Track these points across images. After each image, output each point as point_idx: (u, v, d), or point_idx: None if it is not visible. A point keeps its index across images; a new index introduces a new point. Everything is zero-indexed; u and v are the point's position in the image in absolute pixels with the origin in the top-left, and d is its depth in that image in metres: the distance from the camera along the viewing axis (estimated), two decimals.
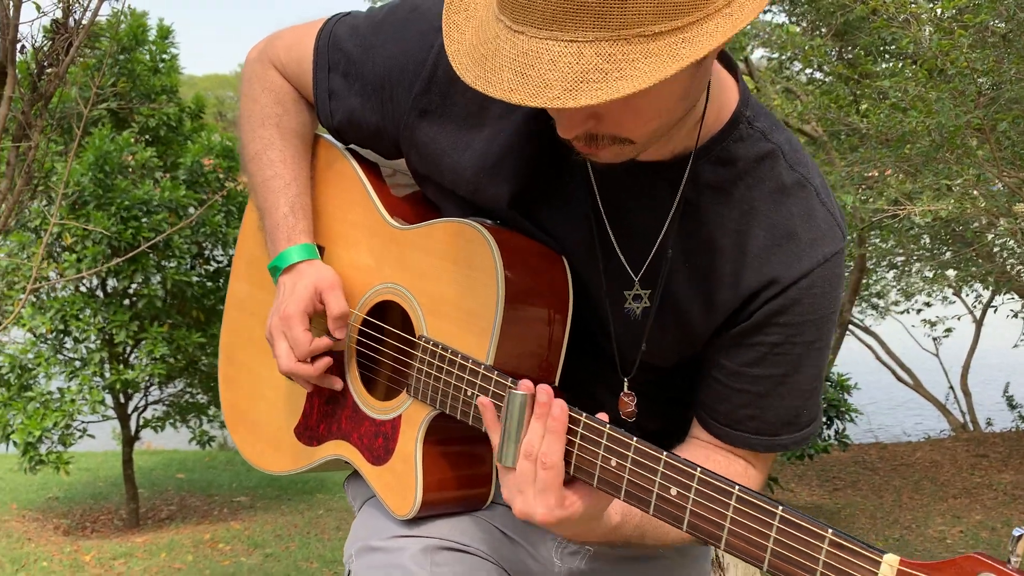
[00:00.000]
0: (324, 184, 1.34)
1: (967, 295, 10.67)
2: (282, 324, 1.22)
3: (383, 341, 1.26)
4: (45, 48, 2.05)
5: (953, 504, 6.90)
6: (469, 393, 1.11)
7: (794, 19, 7.21)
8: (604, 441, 0.99)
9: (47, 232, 2.50)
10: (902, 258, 9.21)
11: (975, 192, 3.59)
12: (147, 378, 5.96)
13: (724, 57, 1.12)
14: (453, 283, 1.15)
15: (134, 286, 5.96)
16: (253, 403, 1.43)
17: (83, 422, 5.87)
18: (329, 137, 1.37)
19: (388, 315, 1.27)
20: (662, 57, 0.84)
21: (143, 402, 6.46)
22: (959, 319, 10.76)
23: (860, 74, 4.66)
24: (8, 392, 5.65)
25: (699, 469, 0.93)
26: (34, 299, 5.81)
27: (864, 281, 9.80)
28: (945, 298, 10.62)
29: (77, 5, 2.00)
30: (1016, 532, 0.80)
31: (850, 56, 6.34)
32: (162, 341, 5.79)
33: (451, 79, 1.13)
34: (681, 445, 1.20)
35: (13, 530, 6.32)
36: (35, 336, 5.85)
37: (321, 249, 1.33)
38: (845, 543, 0.83)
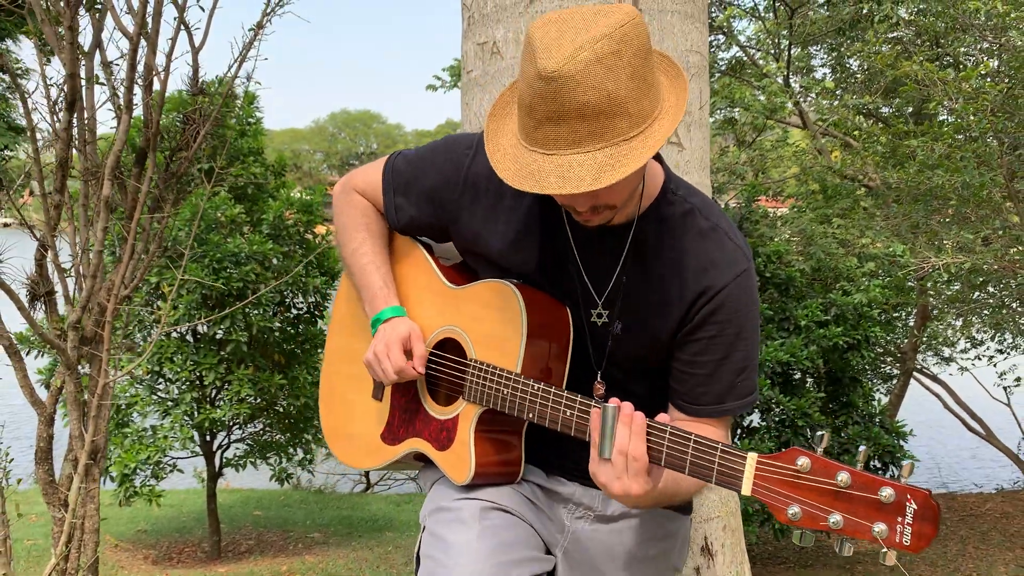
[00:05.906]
0: (402, 263, 1.86)
1: None
2: (386, 349, 1.70)
3: (446, 365, 1.74)
4: (177, 137, 2.49)
5: (1021, 554, 6.81)
6: (505, 392, 1.59)
7: (841, 79, 7.42)
8: (667, 435, 1.44)
9: (175, 287, 2.94)
10: (967, 306, 9.15)
11: (998, 243, 3.76)
12: (232, 417, 6.41)
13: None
14: (492, 321, 1.65)
15: (221, 332, 6.45)
16: (349, 422, 1.91)
17: (173, 458, 6.32)
18: None
19: (448, 347, 1.75)
20: (638, 149, 1.39)
21: (226, 441, 6.90)
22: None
23: (893, 134, 4.91)
24: (108, 428, 6.15)
25: (689, 435, 1.43)
26: (131, 344, 6.32)
27: (929, 329, 9.73)
28: (1016, 347, 10.44)
29: (204, 102, 2.43)
30: (819, 432, 1.23)
31: (889, 114, 6.54)
32: (247, 383, 6.27)
33: (476, 187, 1.68)
34: None
35: (108, 559, 6.78)
36: (132, 377, 6.36)
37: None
38: (730, 450, 1.38)
